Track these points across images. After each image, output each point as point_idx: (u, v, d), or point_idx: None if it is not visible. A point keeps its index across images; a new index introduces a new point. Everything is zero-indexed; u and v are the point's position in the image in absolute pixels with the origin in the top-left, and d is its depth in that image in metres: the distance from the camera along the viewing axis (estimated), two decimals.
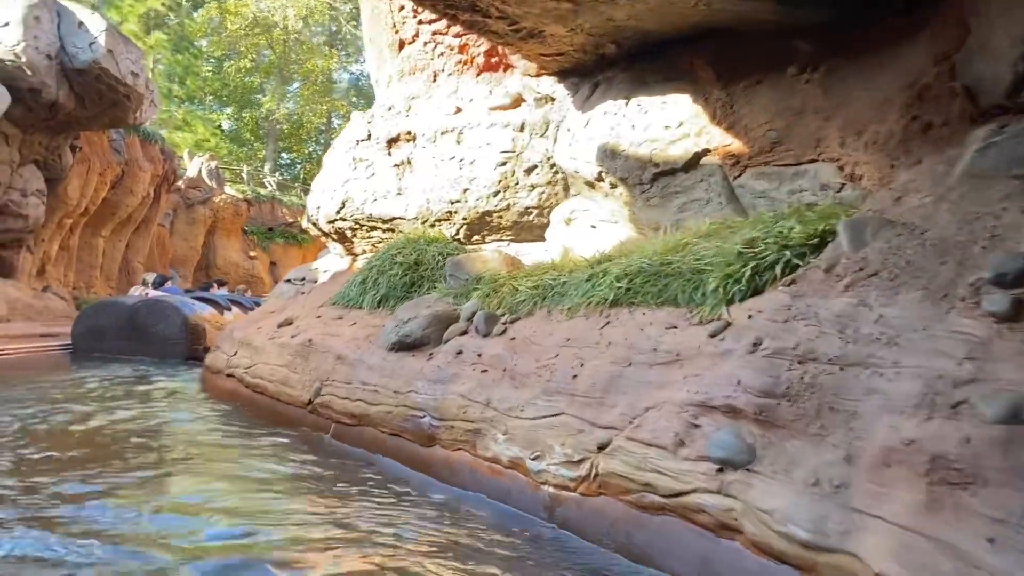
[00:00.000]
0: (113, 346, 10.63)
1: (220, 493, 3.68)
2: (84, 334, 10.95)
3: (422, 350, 5.00)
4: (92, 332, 10.88)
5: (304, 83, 44.82)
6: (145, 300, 11.32)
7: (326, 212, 7.08)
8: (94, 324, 10.96)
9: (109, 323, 10.81)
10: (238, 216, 27.79)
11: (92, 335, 10.85)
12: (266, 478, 4.01)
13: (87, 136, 15.64)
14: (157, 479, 3.96)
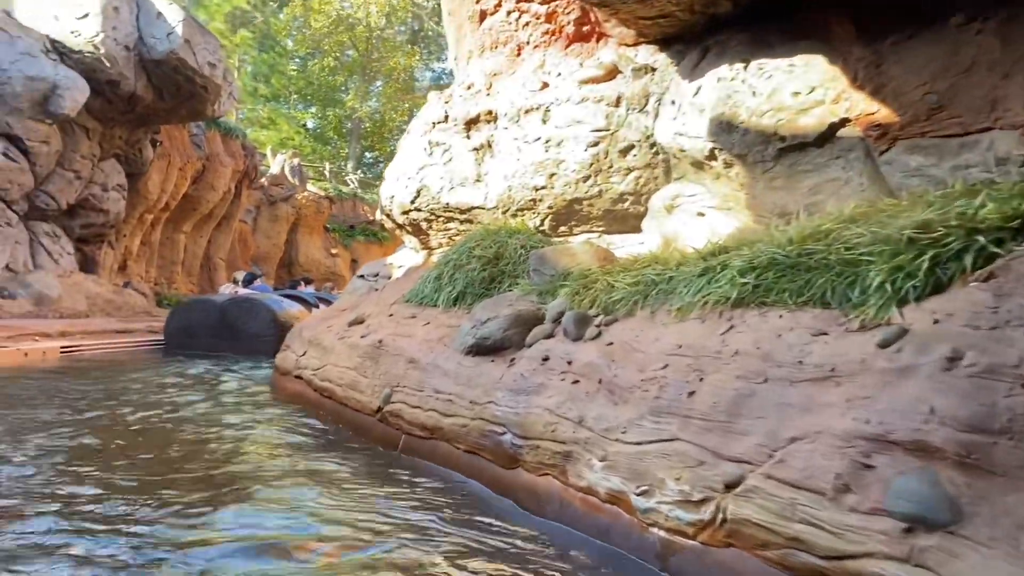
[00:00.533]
0: (204, 343, 10.75)
1: (270, 518, 3.16)
2: (176, 331, 11.03)
3: (502, 355, 4.41)
4: (184, 329, 10.97)
5: (386, 81, 44.99)
6: (235, 298, 11.33)
7: (400, 202, 6.57)
8: (186, 321, 11.04)
9: (200, 320, 10.90)
10: (320, 213, 27.86)
11: (184, 332, 10.94)
12: (315, 509, 3.46)
13: (167, 130, 15.67)
14: (195, 506, 3.46)
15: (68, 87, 11.27)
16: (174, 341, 11.00)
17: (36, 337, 9.23)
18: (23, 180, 11.68)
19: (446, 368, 4.57)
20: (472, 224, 6.17)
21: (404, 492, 3.71)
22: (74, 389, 6.88)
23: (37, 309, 11.43)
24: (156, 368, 9.04)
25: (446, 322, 5.29)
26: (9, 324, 9.61)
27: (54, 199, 12.64)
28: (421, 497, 3.65)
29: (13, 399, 6.33)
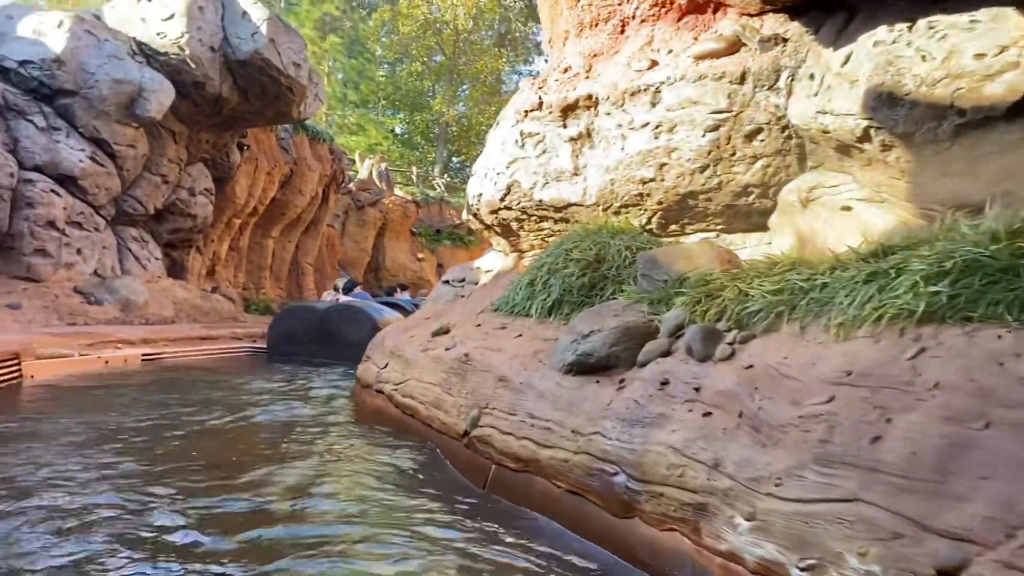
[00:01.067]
0: (305, 350, 10.81)
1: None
2: (278, 337, 11.12)
3: (609, 375, 3.77)
4: (286, 336, 11.03)
5: (473, 85, 44.87)
6: (336, 305, 11.37)
7: (488, 200, 6.00)
8: (288, 328, 11.11)
9: (302, 327, 10.98)
10: (407, 218, 27.72)
11: (286, 339, 11.00)
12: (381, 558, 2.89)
13: (255, 134, 15.61)
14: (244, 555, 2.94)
15: (154, 89, 11.19)
16: (276, 347, 11.08)
17: (118, 344, 9.06)
18: (110, 184, 11.67)
19: (542, 389, 3.96)
20: (568, 224, 5.55)
21: (498, 554, 3.10)
22: (147, 399, 6.57)
23: (123, 315, 11.38)
24: (242, 376, 8.75)
25: (541, 334, 4.69)
26: (92, 331, 9.49)
27: (141, 204, 12.64)
28: (512, 550, 3.04)
29: (84, 408, 6.04)
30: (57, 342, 8.03)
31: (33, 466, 4.11)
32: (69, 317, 10.34)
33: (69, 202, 11.06)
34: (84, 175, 11.11)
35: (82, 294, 11.03)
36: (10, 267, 10.42)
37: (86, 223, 11.51)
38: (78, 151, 11.00)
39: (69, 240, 11.17)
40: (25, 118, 10.58)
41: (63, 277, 11.07)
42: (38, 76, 10.65)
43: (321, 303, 12.21)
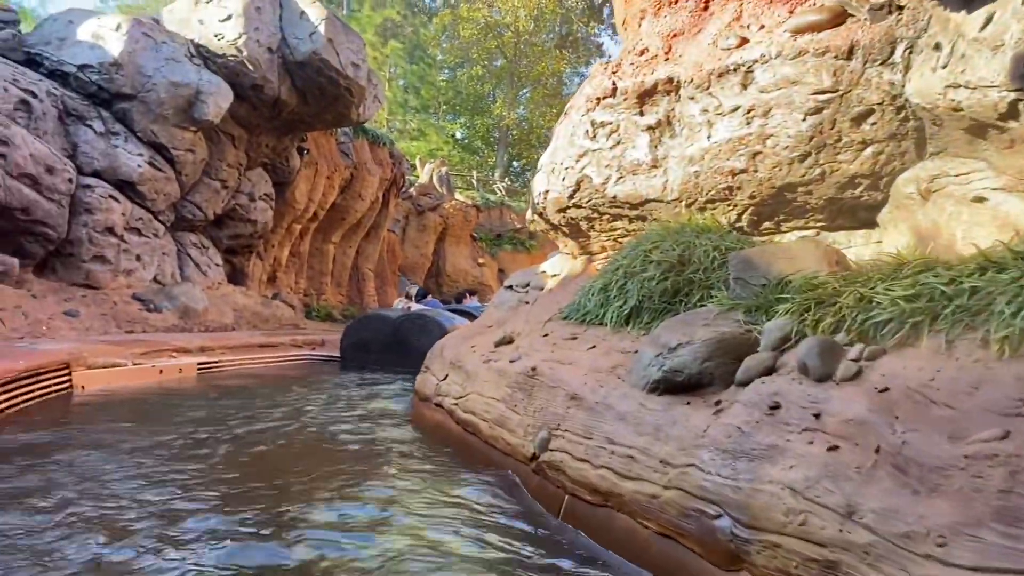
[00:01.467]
0: (378, 359, 10.87)
1: None
2: (351, 346, 11.17)
3: (701, 395, 3.29)
4: (359, 345, 11.07)
5: (534, 88, 44.56)
6: (408, 314, 11.35)
7: (555, 198, 5.53)
8: (361, 337, 11.12)
9: (374, 336, 11.01)
10: (467, 222, 27.46)
11: (359, 347, 11.05)
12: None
13: (315, 138, 15.45)
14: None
15: (211, 92, 11.04)
16: (350, 355, 11.13)
17: (173, 353, 8.86)
18: (169, 190, 11.56)
19: (622, 410, 3.48)
20: (645, 222, 5.05)
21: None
22: (199, 410, 6.28)
23: (183, 322, 11.24)
24: (301, 385, 8.45)
25: (617, 346, 4.20)
26: (149, 339, 9.32)
27: (201, 209, 12.53)
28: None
29: (133, 420, 5.77)
30: (110, 351, 7.84)
31: (75, 478, 3.83)
32: (127, 325, 10.22)
33: (128, 208, 10.98)
34: (143, 180, 11.01)
35: (141, 301, 10.93)
36: (69, 274, 10.35)
37: (145, 229, 11.42)
38: (136, 156, 10.91)
39: (128, 246, 11.09)
40: (84, 123, 10.53)
41: (122, 284, 10.98)
42: (96, 80, 10.59)
43: (393, 312, 12.13)
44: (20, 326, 8.52)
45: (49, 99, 10.11)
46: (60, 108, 10.30)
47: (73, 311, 9.54)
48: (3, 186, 9.09)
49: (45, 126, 10.01)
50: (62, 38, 10.89)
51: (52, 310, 9.35)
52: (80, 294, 10.15)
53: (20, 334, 8.33)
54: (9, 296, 8.94)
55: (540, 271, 6.54)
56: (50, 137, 10.09)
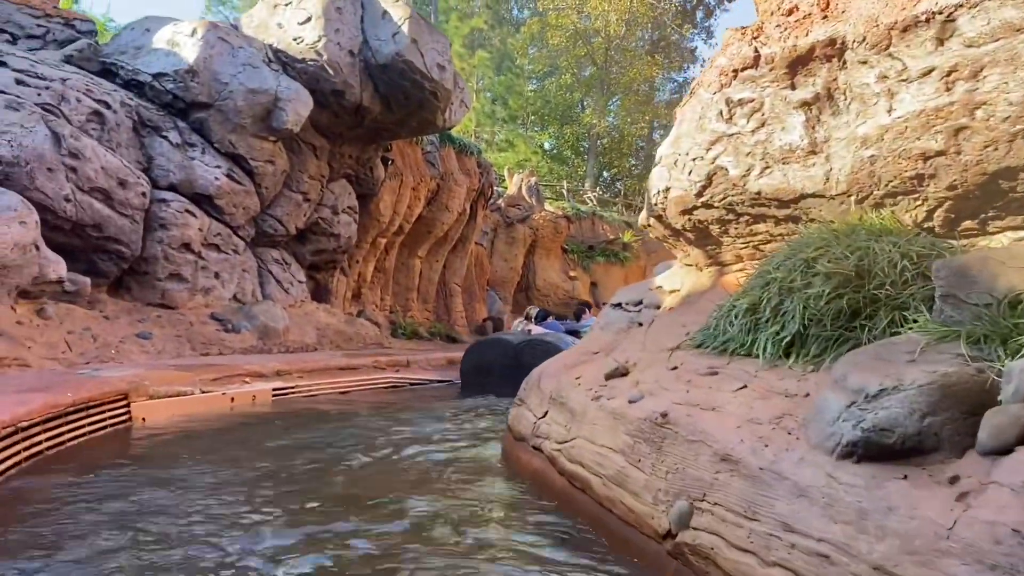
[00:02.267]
0: (498, 384, 10.52)
1: None
2: (471, 370, 10.98)
3: (924, 464, 2.32)
4: (478, 369, 10.87)
5: (625, 94, 43.53)
6: (531, 340, 10.96)
7: (679, 196, 4.58)
8: (480, 361, 10.93)
9: (495, 361, 10.74)
10: (558, 234, 26.58)
11: (478, 372, 10.85)
12: None
13: (400, 148, 14.86)
14: None
15: (290, 99, 10.50)
16: (470, 380, 10.93)
17: (246, 378, 8.25)
18: (249, 203, 11.07)
19: (802, 482, 2.51)
20: (797, 224, 4.05)
21: None
22: (268, 444, 5.56)
23: (261, 343, 10.70)
24: (383, 415, 7.71)
25: (778, 386, 3.21)
26: (224, 362, 8.75)
27: (282, 223, 12.02)
28: None
29: (192, 457, 5.09)
30: (177, 378, 7.25)
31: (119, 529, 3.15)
32: (203, 347, 9.71)
33: (205, 223, 10.52)
34: (220, 194, 10.54)
35: (219, 321, 10.43)
36: (144, 293, 9.92)
37: (224, 245, 10.95)
38: (214, 168, 10.45)
39: (206, 263, 10.62)
40: (159, 134, 10.12)
41: (200, 303, 10.52)
42: (172, 89, 10.17)
43: (514, 335, 11.74)
44: (88, 350, 8.05)
45: (123, 110, 9.73)
46: (135, 119, 9.91)
47: (146, 333, 9.06)
48: (74, 201, 8.69)
49: (119, 138, 9.62)
50: (138, 47, 10.55)
51: (124, 332, 8.89)
52: (155, 314, 9.69)
53: (87, 359, 7.84)
54: (79, 318, 8.50)
55: (654, 286, 5.57)
56: (124, 149, 9.70)
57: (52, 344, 7.66)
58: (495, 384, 10.44)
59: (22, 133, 8.22)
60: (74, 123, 9.00)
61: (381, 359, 11.22)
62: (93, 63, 10.24)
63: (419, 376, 11.33)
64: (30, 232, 7.43)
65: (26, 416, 4.68)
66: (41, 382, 5.79)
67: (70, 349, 7.82)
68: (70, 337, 8.01)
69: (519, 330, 12.62)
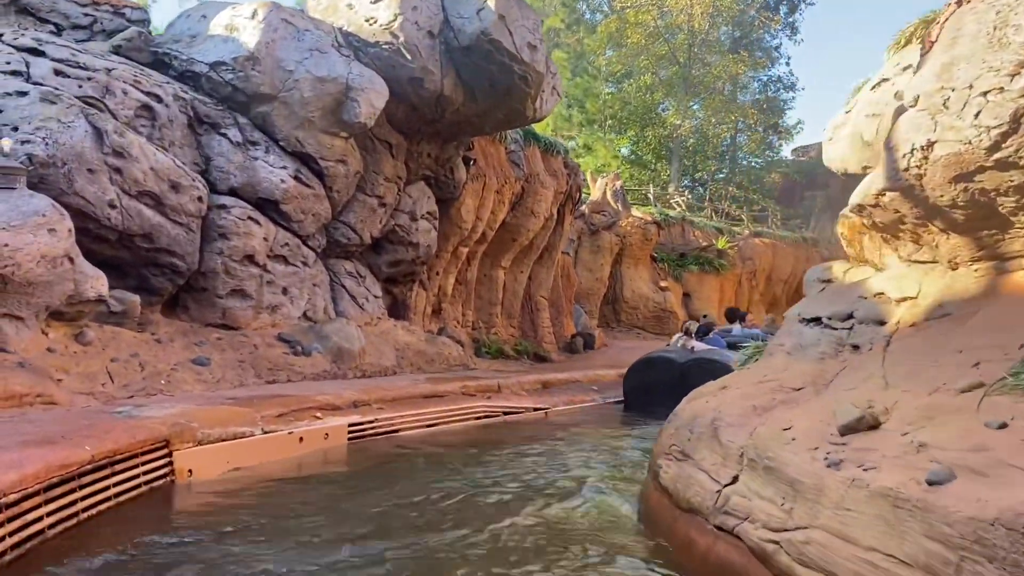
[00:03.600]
0: (662, 404, 9.82)
1: None
2: (634, 390, 11.11)
3: None
4: (642, 388, 10.91)
5: (709, 94, 41.67)
6: (697, 358, 10.78)
7: (953, 154, 3.05)
8: (643, 380, 10.97)
9: (659, 380, 10.62)
10: (647, 241, 24.97)
11: (642, 391, 10.88)
12: None
13: (481, 147, 13.56)
14: None
15: (363, 88, 9.27)
16: (633, 399, 11.06)
17: (317, 412, 6.98)
18: (319, 209, 9.88)
19: None
20: None
21: None
22: (346, 505, 4.25)
23: (335, 367, 9.48)
24: (488, 457, 6.36)
25: None
26: (289, 392, 7.52)
27: (355, 231, 10.80)
28: None
29: (251, 526, 3.81)
30: (234, 415, 6.00)
31: None
32: (268, 373, 8.51)
33: (271, 231, 9.35)
34: (287, 198, 9.37)
35: (287, 343, 9.24)
36: (203, 313, 8.79)
37: (292, 257, 9.78)
38: (279, 169, 9.28)
39: (272, 277, 9.45)
40: (218, 132, 9.00)
41: (265, 323, 9.35)
42: (231, 80, 9.05)
43: (678, 353, 11.46)
44: (133, 381, 6.90)
45: (176, 104, 8.64)
46: (189, 114, 8.81)
47: (202, 359, 7.90)
48: (119, 207, 7.59)
49: (171, 135, 8.53)
50: (193, 35, 9.47)
51: (178, 358, 7.74)
52: (214, 336, 8.54)
53: (130, 392, 6.69)
54: (126, 343, 7.38)
55: (871, 293, 4.03)
56: (177, 149, 8.60)
57: (90, 375, 6.52)
58: (659, 401, 9.87)
59: (59, 129, 7.15)
60: (120, 118, 7.92)
61: (469, 384, 9.87)
62: (144, 53, 9.19)
63: (513, 404, 9.95)
64: (61, 242, 6.31)
65: (15, 485, 3.43)
66: (60, 427, 4.58)
67: (111, 380, 6.67)
68: (113, 366, 6.87)
69: (678, 346, 12.09)
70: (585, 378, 12.83)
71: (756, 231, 33.73)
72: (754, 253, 31.02)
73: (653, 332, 25.45)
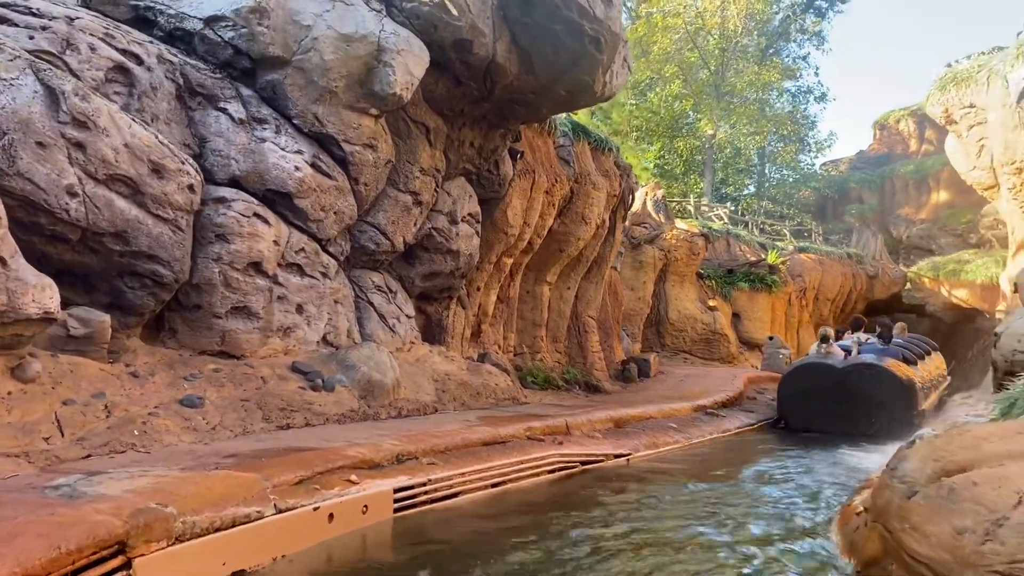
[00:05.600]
0: (820, 416, 10.79)
1: None
2: (789, 398, 11.30)
3: None
4: (801, 395, 11.10)
5: (741, 103, 40.05)
6: (856, 363, 11.03)
7: None
8: (802, 387, 11.11)
9: (818, 386, 10.89)
10: (694, 255, 23.08)
11: (801, 398, 11.04)
12: None
13: (529, 139, 11.73)
14: None
15: (399, 50, 7.46)
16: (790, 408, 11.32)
17: (353, 473, 5.08)
18: (342, 205, 8.04)
19: None
20: None
21: None
22: None
23: (365, 405, 7.61)
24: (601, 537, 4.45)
25: None
26: (308, 444, 5.63)
27: (386, 235, 8.94)
28: None
29: None
30: (231, 485, 4.12)
31: None
32: (280, 415, 6.63)
33: (282, 232, 7.52)
34: (303, 191, 7.55)
35: (303, 374, 7.38)
36: (195, 337, 6.93)
37: (309, 266, 7.94)
38: (293, 154, 7.47)
39: (284, 291, 7.61)
40: (215, 106, 7.20)
41: (276, 349, 7.49)
42: (231, 39, 7.26)
43: (831, 358, 11.57)
44: (94, 432, 5.03)
45: (162, 68, 6.84)
46: (179, 83, 7.01)
47: (194, 398, 6.03)
48: (82, 196, 5.76)
49: (155, 108, 6.73)
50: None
51: (160, 397, 5.88)
52: (210, 367, 6.67)
53: (87, 448, 4.81)
54: (88, 378, 5.52)
55: None
56: (163, 125, 6.80)
57: (27, 425, 4.66)
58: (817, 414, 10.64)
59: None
60: (86, 80, 6.13)
61: (534, 425, 7.96)
62: (121, 8, 7.41)
63: (589, 450, 8.04)
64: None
65: None
66: None
67: (60, 432, 4.81)
68: (65, 411, 5.01)
69: (816, 353, 12.26)
70: (660, 413, 10.91)
71: (800, 247, 31.90)
72: (803, 269, 29.17)
73: (701, 357, 23.51)
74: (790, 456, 9.13)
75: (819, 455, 9.07)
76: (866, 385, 10.57)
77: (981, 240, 36.03)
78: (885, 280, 34.59)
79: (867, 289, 33.51)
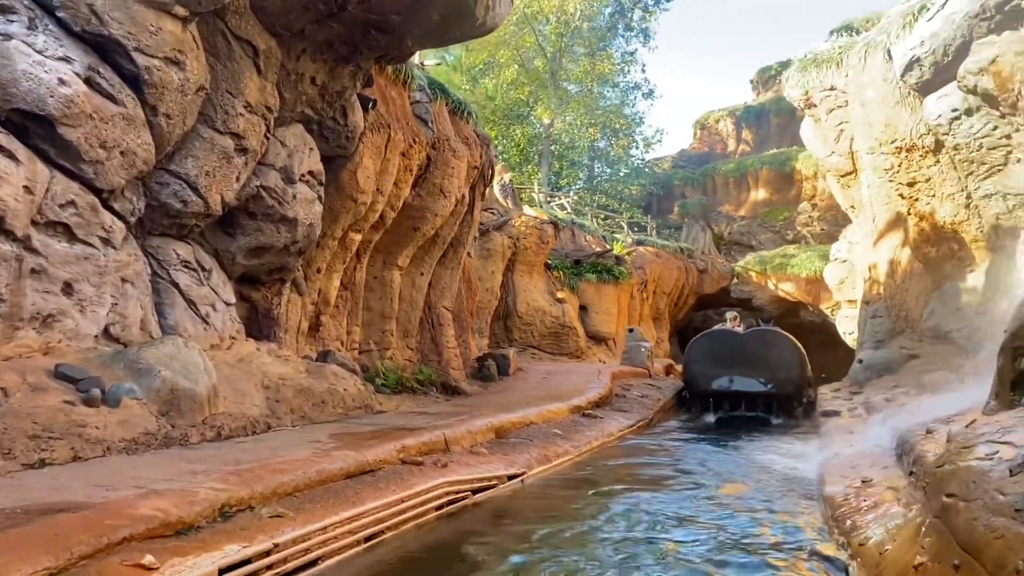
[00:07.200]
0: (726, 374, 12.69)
1: None
2: (696, 362, 13.20)
3: None
4: (708, 357, 12.97)
5: (579, 93, 39.57)
6: (756, 329, 12.80)
7: None
8: (708, 350, 13.01)
9: (722, 350, 13.11)
10: (543, 244, 21.69)
11: (708, 361, 12.99)
12: None
13: (381, 87, 9.67)
14: None
15: None
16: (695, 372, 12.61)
17: (147, 551, 2.95)
18: (132, 143, 5.75)
19: None
20: None
21: None
22: None
23: (167, 423, 5.38)
24: None
25: None
26: (72, 500, 3.43)
27: (197, 191, 6.66)
28: None
29: None
30: None
31: None
32: (33, 446, 4.33)
33: (39, 175, 5.16)
34: (72, 117, 5.22)
35: (72, 383, 5.06)
36: None
37: (82, 228, 5.59)
38: (57, 62, 5.14)
39: (43, 263, 5.25)
40: None
41: (28, 347, 5.13)
42: None
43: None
44: None
45: None
46: None
47: None
48: None
49: None
50: None
51: None
52: None
53: None
54: None
55: None
56: None
57: None
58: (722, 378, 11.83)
59: None
60: None
61: (408, 443, 6.00)
62: None
63: (478, 473, 6.18)
64: None
65: None
66: None
67: None
68: None
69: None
70: (540, 418, 9.21)
71: (638, 239, 31.48)
72: (644, 262, 28.63)
73: (550, 352, 22.16)
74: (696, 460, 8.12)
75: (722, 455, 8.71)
76: (765, 348, 12.11)
77: (797, 236, 37.10)
78: (714, 274, 34.85)
79: (698, 283, 33.63)
